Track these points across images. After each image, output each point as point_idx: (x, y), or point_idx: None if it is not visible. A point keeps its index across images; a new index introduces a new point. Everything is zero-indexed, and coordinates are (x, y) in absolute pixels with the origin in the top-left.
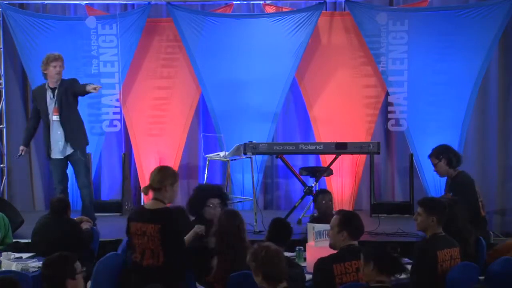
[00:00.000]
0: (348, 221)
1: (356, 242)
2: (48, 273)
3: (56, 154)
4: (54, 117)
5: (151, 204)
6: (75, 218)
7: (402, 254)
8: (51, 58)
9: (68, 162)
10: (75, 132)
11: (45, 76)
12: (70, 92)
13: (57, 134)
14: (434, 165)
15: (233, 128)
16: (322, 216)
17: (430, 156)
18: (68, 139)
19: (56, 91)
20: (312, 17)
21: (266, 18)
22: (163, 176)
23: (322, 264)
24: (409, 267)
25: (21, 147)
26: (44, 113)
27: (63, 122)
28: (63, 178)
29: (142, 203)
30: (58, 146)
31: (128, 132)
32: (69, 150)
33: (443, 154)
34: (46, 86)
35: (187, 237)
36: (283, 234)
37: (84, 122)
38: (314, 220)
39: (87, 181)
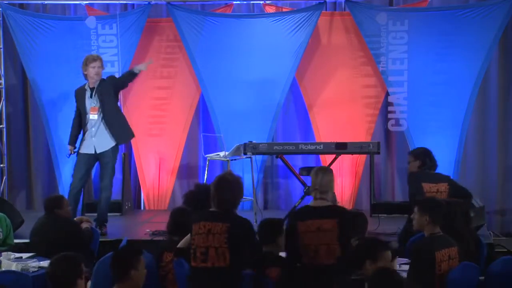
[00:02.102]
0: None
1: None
2: (58, 273)
3: (87, 149)
4: (91, 116)
5: (319, 203)
6: (74, 218)
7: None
8: (90, 59)
9: (97, 162)
10: (120, 128)
11: (85, 76)
12: (112, 90)
13: (91, 131)
14: (408, 162)
15: (233, 128)
16: None
17: (408, 154)
18: (115, 136)
19: (95, 90)
20: (312, 17)
21: (266, 18)
22: (331, 179)
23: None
24: (407, 267)
25: (69, 147)
26: (83, 111)
27: (107, 120)
28: (85, 176)
29: (142, 203)
30: (92, 141)
31: None
32: (106, 147)
33: (421, 156)
34: (86, 86)
35: (188, 237)
36: (272, 233)
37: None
38: None
39: (109, 183)
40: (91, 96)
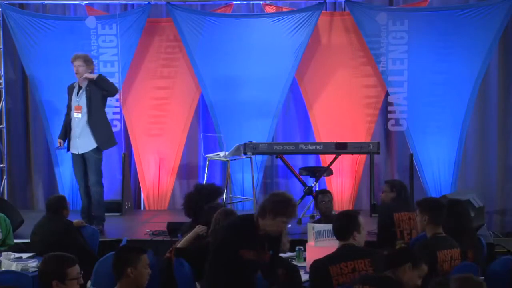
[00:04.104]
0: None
1: (352, 242)
2: (39, 269)
3: (73, 149)
4: (75, 114)
5: None
6: (74, 222)
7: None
8: (72, 58)
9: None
10: (103, 133)
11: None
12: (101, 94)
13: (75, 131)
14: (384, 191)
15: (233, 128)
16: (322, 216)
17: (386, 183)
18: (97, 139)
19: (83, 89)
20: (312, 17)
21: (266, 18)
22: None
23: (316, 266)
24: None
25: (58, 140)
26: (69, 107)
27: (90, 121)
28: (84, 174)
29: (142, 203)
30: (76, 142)
31: (128, 132)
32: (88, 148)
33: (397, 188)
34: (76, 83)
35: (188, 237)
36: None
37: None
38: (315, 221)
39: (96, 180)
40: (77, 94)
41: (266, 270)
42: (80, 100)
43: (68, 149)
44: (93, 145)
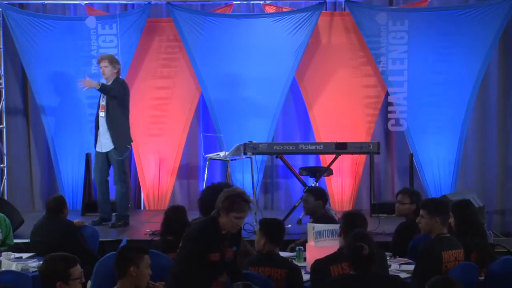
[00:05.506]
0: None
1: None
2: (41, 271)
3: (98, 147)
4: (100, 113)
5: None
6: (74, 221)
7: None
8: (98, 59)
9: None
10: (115, 131)
11: None
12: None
13: (100, 130)
14: (402, 203)
15: (233, 128)
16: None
17: (403, 193)
18: (111, 136)
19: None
20: (312, 17)
21: (266, 18)
22: None
23: (318, 265)
24: (407, 266)
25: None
26: (97, 108)
27: (107, 120)
28: (102, 172)
29: (142, 203)
30: (101, 140)
31: None
32: (109, 147)
33: (417, 199)
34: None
35: None
36: (277, 233)
37: (125, 124)
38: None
39: (118, 179)
40: (102, 94)
41: (231, 267)
42: (104, 100)
43: (95, 147)
44: (112, 145)
